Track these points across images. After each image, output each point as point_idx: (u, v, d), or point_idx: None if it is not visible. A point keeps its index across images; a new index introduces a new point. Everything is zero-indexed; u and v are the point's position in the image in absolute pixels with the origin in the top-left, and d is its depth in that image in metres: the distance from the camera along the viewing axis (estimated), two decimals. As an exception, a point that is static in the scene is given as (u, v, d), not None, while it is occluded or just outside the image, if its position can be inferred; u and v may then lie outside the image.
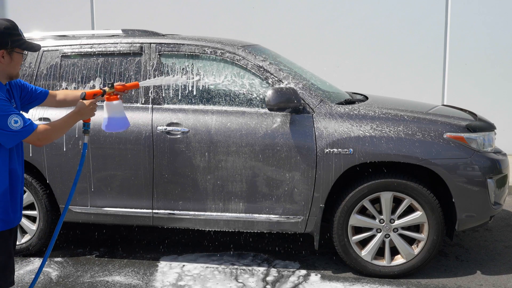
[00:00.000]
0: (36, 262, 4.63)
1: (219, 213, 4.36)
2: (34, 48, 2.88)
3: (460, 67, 8.23)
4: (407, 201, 4.18)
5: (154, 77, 4.44)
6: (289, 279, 4.30)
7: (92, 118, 3.13)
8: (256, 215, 4.32)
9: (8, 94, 2.84)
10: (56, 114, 4.46)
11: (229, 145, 4.25)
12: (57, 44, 4.66)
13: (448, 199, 4.21)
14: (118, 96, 3.17)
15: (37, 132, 2.76)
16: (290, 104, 4.16)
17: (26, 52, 3.77)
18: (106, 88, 3.12)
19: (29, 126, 2.72)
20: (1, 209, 2.77)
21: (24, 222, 4.69)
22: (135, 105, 4.45)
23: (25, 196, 4.65)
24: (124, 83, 3.27)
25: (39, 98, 3.12)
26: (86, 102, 2.99)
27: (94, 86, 4.50)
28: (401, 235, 4.27)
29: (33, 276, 4.33)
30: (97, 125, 4.37)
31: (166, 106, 4.42)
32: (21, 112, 2.90)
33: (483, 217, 4.28)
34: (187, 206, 4.39)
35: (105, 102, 3.15)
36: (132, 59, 4.52)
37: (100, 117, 3.41)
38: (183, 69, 4.46)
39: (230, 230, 4.44)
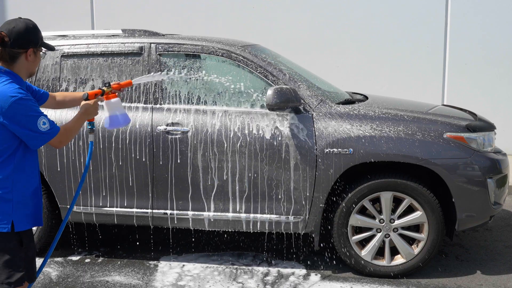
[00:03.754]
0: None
1: (219, 213, 4.36)
2: (53, 48, 3.04)
3: (460, 67, 8.23)
4: (407, 201, 4.18)
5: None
6: (289, 279, 4.30)
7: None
8: (256, 215, 4.32)
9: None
10: (58, 115, 4.47)
11: (229, 145, 4.25)
12: (57, 44, 4.66)
13: (448, 199, 4.21)
14: (116, 94, 3.27)
15: (60, 134, 2.79)
16: (290, 104, 4.16)
17: (45, 51, 4.12)
18: (105, 88, 3.21)
19: (55, 128, 2.74)
20: (34, 206, 2.81)
21: (24, 222, 4.69)
22: (135, 105, 4.45)
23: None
24: (119, 81, 3.36)
25: (41, 99, 3.16)
26: (90, 102, 3.06)
27: (94, 86, 4.50)
28: (401, 235, 4.27)
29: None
30: (96, 126, 4.38)
31: (166, 106, 4.42)
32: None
33: (483, 217, 4.28)
34: (187, 206, 4.39)
35: (104, 101, 3.22)
36: (132, 59, 4.52)
37: (100, 116, 3.47)
38: (182, 69, 4.46)
39: (230, 230, 4.44)
